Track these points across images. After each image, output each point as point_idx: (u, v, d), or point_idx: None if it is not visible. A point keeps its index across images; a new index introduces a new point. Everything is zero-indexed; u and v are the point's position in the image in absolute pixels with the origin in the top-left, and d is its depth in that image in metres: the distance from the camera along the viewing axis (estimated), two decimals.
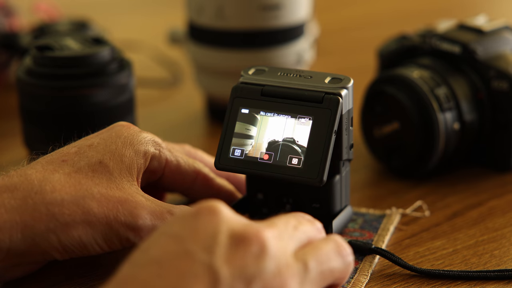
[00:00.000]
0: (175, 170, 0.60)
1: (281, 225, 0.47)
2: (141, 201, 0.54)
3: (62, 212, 0.52)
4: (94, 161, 0.55)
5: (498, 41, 0.73)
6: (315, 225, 0.50)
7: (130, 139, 0.57)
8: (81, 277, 0.59)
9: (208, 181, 0.62)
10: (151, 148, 0.58)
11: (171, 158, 0.59)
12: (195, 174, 0.61)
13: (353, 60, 1.07)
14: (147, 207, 0.54)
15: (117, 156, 0.55)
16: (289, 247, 0.46)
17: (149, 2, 1.44)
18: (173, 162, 0.60)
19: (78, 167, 0.54)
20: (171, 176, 0.60)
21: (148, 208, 0.54)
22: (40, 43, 0.72)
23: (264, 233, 0.44)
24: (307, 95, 0.58)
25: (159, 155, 0.58)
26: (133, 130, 0.58)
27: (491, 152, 0.74)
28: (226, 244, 0.43)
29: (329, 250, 0.48)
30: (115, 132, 0.57)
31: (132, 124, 0.59)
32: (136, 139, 0.57)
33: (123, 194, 0.54)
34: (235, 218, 0.45)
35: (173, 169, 0.60)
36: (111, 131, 0.58)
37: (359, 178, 0.74)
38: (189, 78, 0.98)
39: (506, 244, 0.63)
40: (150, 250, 0.44)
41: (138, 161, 0.56)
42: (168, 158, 0.59)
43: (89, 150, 0.56)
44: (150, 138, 0.58)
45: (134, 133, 0.58)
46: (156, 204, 0.55)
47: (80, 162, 0.55)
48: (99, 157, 0.55)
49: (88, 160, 0.55)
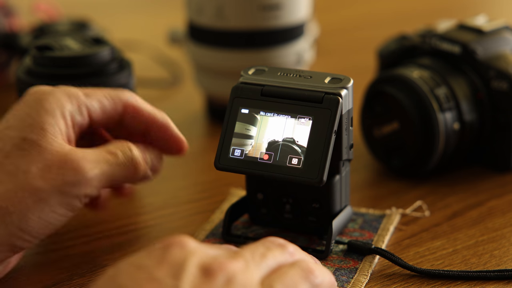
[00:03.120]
0: (101, 113, 0.59)
1: (248, 255, 0.47)
2: (79, 155, 0.55)
3: (13, 202, 0.52)
4: (18, 140, 0.54)
5: (498, 41, 0.73)
6: (286, 249, 0.50)
7: (42, 106, 0.56)
8: (81, 277, 0.59)
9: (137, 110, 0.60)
10: (67, 105, 0.57)
11: (91, 103, 0.58)
12: (122, 106, 0.60)
13: (353, 60, 1.07)
14: (87, 157, 0.55)
15: (37, 127, 0.55)
16: (256, 276, 0.46)
17: (149, 2, 1.44)
18: (95, 106, 0.58)
19: (6, 151, 0.54)
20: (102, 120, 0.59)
21: (88, 157, 0.55)
22: (40, 43, 0.72)
23: (230, 265, 0.45)
24: (307, 95, 0.58)
25: (78, 108, 0.57)
26: (43, 95, 0.57)
27: (491, 152, 0.74)
28: (194, 273, 0.44)
29: (296, 275, 0.48)
30: (26, 105, 0.56)
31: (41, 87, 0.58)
32: (48, 103, 0.56)
33: (59, 157, 0.54)
34: (203, 250, 0.46)
35: (99, 112, 0.59)
36: (22, 106, 0.57)
37: (359, 178, 0.74)
38: (189, 78, 0.98)
39: (506, 244, 0.63)
40: (117, 277, 0.44)
41: (58, 124, 0.56)
42: (89, 105, 0.58)
43: (9, 132, 0.55)
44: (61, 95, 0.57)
45: (44, 98, 0.56)
46: (94, 151, 0.56)
47: (6, 147, 0.54)
48: (21, 134, 0.54)
49: (12, 142, 0.54)
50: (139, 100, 0.61)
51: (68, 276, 0.59)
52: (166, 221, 0.68)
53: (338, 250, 0.61)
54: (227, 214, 0.63)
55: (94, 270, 0.60)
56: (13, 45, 0.96)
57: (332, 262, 0.60)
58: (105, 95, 0.59)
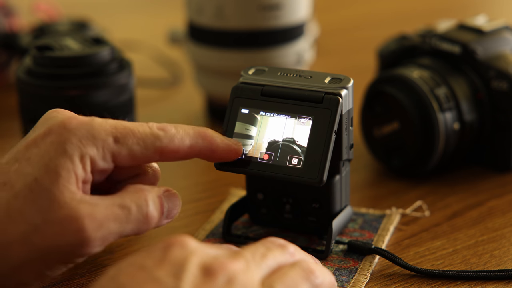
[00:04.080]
0: (130, 160, 0.53)
1: (248, 255, 0.47)
2: (86, 211, 0.50)
3: (10, 254, 0.50)
4: (30, 180, 0.50)
5: (498, 41, 0.73)
6: (287, 250, 0.50)
7: (62, 147, 0.51)
8: (81, 277, 0.59)
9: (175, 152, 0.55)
10: (90, 150, 0.52)
11: (119, 151, 0.53)
12: (158, 153, 0.54)
13: (353, 60, 1.07)
14: (94, 214, 0.50)
15: (51, 170, 0.50)
16: (256, 276, 0.46)
17: (149, 2, 1.44)
18: (123, 154, 0.53)
19: (15, 191, 0.50)
20: (130, 164, 0.54)
21: (96, 215, 0.50)
22: (40, 43, 0.72)
23: (231, 265, 0.45)
24: (307, 95, 0.58)
25: (102, 154, 0.52)
26: (67, 132, 0.52)
27: (491, 152, 0.74)
28: (194, 273, 0.44)
29: (296, 276, 0.48)
30: (49, 137, 0.52)
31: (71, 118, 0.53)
32: (70, 144, 0.51)
33: (65, 211, 0.50)
34: (204, 250, 0.46)
35: (127, 160, 0.53)
36: (45, 138, 0.52)
37: (359, 178, 0.74)
38: (189, 78, 0.98)
39: (506, 244, 0.63)
40: (118, 277, 0.44)
41: (75, 169, 0.51)
42: (116, 153, 0.53)
43: (26, 167, 0.51)
44: (86, 138, 0.52)
45: (67, 138, 0.52)
46: (105, 204, 0.51)
47: (17, 184, 0.51)
48: (35, 174, 0.50)
49: (25, 180, 0.51)
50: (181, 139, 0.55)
51: (68, 276, 0.59)
52: None
53: (338, 250, 0.61)
54: (227, 214, 0.63)
55: (94, 270, 0.60)
56: (13, 45, 0.96)
57: (332, 262, 0.60)
58: (139, 142, 0.53)
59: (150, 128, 0.54)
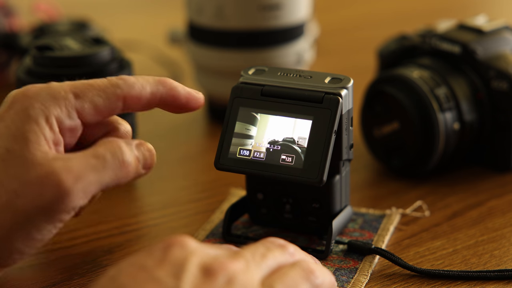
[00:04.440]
0: (95, 113, 0.54)
1: (248, 255, 0.47)
2: (61, 166, 0.51)
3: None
4: (2, 152, 0.51)
5: (498, 41, 0.73)
6: (287, 250, 0.50)
7: (26, 113, 0.52)
8: (81, 277, 0.59)
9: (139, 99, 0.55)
10: (53, 109, 0.52)
11: (82, 105, 0.53)
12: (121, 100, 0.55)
13: (353, 60, 1.07)
14: (70, 167, 0.51)
15: (20, 136, 0.51)
16: (256, 276, 0.46)
17: (149, 2, 1.44)
18: (86, 107, 0.54)
19: None
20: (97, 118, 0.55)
21: (72, 167, 0.51)
22: (40, 43, 0.72)
23: (231, 265, 0.45)
24: (307, 95, 0.58)
25: (66, 112, 0.53)
26: (28, 100, 0.53)
27: (491, 152, 0.74)
28: (194, 273, 0.44)
29: (296, 276, 0.48)
30: (12, 108, 0.53)
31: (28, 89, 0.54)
32: (32, 109, 0.52)
33: (40, 170, 0.51)
34: (204, 250, 0.46)
35: (92, 113, 0.54)
36: (9, 110, 0.53)
37: (359, 178, 0.74)
38: (189, 78, 0.98)
39: (506, 244, 0.63)
40: (118, 278, 0.44)
41: (42, 130, 0.52)
42: (79, 107, 0.53)
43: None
44: (47, 99, 0.53)
45: (29, 104, 0.52)
46: (79, 157, 0.52)
47: None
48: (5, 145, 0.51)
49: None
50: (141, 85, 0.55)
51: (68, 276, 0.59)
52: (166, 221, 0.68)
53: (338, 250, 0.61)
54: (227, 214, 0.63)
55: (94, 270, 0.60)
56: (13, 45, 0.96)
57: (332, 262, 0.60)
58: (100, 93, 0.54)
59: (109, 79, 0.55)
